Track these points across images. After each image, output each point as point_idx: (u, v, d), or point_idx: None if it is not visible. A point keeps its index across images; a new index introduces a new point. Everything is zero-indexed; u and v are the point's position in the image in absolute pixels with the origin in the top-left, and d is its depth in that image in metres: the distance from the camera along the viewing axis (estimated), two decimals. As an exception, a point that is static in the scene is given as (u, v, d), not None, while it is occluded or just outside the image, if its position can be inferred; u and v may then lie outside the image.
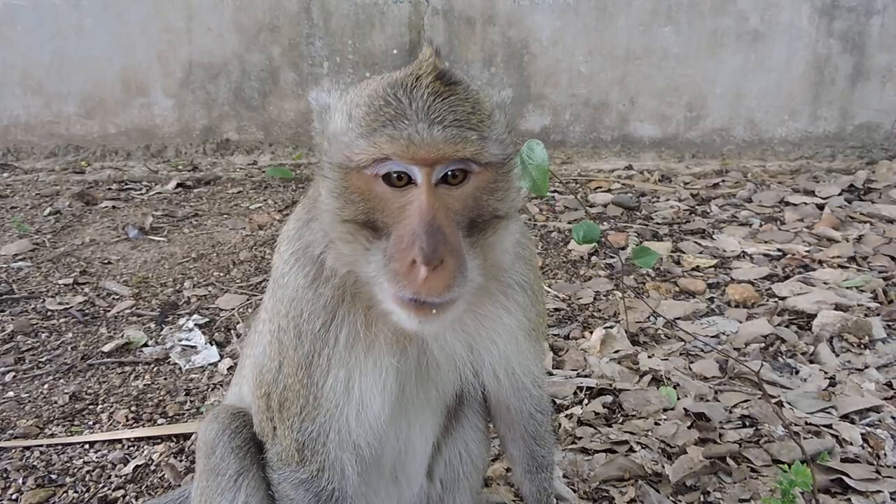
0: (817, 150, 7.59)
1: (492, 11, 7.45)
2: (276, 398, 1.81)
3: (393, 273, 1.46)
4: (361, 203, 1.52)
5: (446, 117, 1.46)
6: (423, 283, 1.42)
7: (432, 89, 1.49)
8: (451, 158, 1.46)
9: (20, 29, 7.45)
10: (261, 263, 5.08)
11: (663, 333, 3.98)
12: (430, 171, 1.46)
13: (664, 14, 7.36)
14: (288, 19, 7.55)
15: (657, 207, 6.12)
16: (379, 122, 1.46)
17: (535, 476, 2.27)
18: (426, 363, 1.85)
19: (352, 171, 1.51)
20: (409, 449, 2.05)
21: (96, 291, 4.65)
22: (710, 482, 2.80)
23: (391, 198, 1.49)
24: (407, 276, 1.44)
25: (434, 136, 1.43)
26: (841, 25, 7.26)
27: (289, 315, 1.74)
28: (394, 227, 1.49)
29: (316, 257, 1.73)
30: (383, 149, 1.44)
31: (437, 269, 1.42)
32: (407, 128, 1.43)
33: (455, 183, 1.50)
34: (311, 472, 1.82)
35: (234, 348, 3.94)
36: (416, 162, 1.44)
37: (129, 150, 7.86)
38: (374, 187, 1.50)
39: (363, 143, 1.47)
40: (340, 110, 1.58)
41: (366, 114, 1.50)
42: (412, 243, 1.43)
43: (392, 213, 1.49)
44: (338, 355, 1.72)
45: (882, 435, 3.02)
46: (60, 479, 2.96)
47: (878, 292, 4.31)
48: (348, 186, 1.53)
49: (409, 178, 1.47)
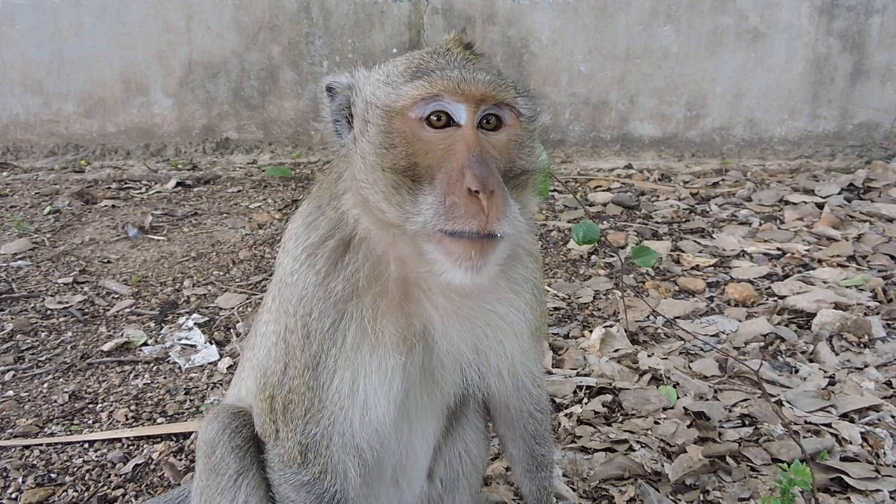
0: (817, 150, 7.59)
1: (491, 10, 7.45)
2: (280, 400, 1.80)
3: (449, 208, 1.48)
4: (405, 148, 1.56)
5: (482, 69, 1.60)
6: (479, 209, 1.46)
7: (464, 55, 1.65)
8: (494, 99, 1.56)
9: (20, 28, 7.45)
10: (260, 262, 5.08)
11: (663, 332, 3.98)
12: (475, 109, 1.55)
13: (664, 13, 7.36)
14: (287, 18, 7.55)
15: (657, 206, 6.12)
16: (425, 69, 1.57)
17: (535, 475, 2.28)
18: (431, 363, 1.84)
19: (396, 114, 1.57)
20: (410, 452, 2.05)
21: (96, 290, 4.65)
22: (709, 481, 2.80)
23: (434, 140, 1.55)
24: (464, 205, 1.47)
25: (479, 78, 1.55)
26: (841, 24, 7.26)
27: (297, 314, 1.73)
28: (438, 169, 1.53)
29: (331, 248, 1.72)
30: (435, 86, 1.52)
31: (491, 196, 1.46)
32: (454, 70, 1.56)
33: (489, 128, 1.59)
34: (313, 474, 1.81)
35: (234, 347, 3.94)
36: (464, 99, 1.53)
37: (129, 149, 7.86)
38: (418, 132, 1.56)
39: (411, 84, 1.55)
40: (375, 73, 1.68)
41: (406, 67, 1.61)
42: (464, 175, 1.48)
43: (435, 156, 1.54)
44: (344, 355, 1.71)
45: (881, 434, 3.03)
46: (60, 478, 2.96)
47: (877, 291, 4.31)
48: (392, 132, 1.57)
49: (449, 120, 1.55)
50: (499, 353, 1.90)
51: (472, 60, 1.64)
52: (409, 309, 1.74)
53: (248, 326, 4.11)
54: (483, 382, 1.96)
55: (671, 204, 6.16)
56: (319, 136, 7.90)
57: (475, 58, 1.66)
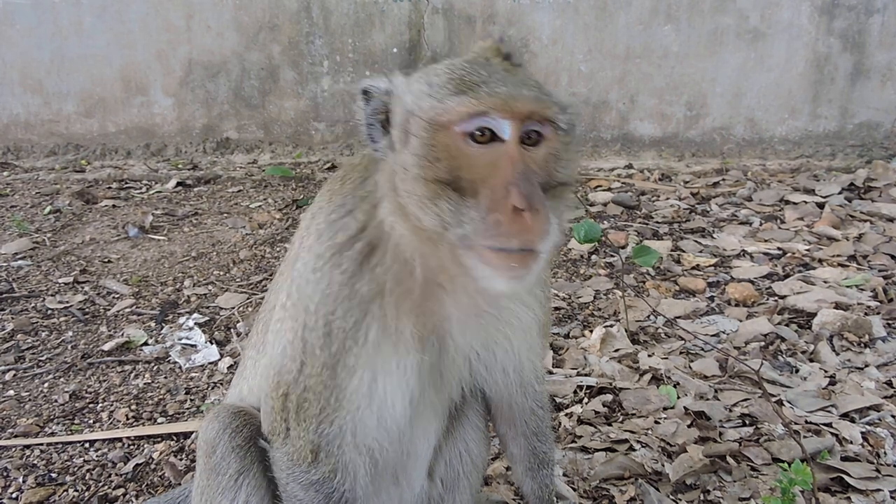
0: (817, 149, 7.59)
1: (492, 10, 7.45)
2: (294, 399, 1.78)
3: (493, 225, 1.49)
4: (448, 161, 1.55)
5: (526, 83, 1.60)
6: (523, 227, 1.47)
7: (504, 66, 1.63)
8: (538, 115, 1.56)
9: (20, 28, 7.45)
10: (261, 262, 5.08)
11: (663, 332, 3.98)
12: (519, 125, 1.54)
13: (664, 13, 7.35)
14: (288, 18, 7.55)
15: (657, 206, 6.12)
16: (469, 83, 1.55)
17: (537, 473, 2.28)
18: (441, 361, 1.85)
19: (440, 128, 1.55)
20: (412, 451, 2.04)
21: (96, 290, 4.65)
22: (710, 481, 2.80)
23: (478, 155, 1.54)
24: (508, 223, 1.48)
25: (525, 94, 1.54)
26: (841, 24, 7.26)
27: (319, 312, 1.71)
28: (481, 183, 1.53)
29: (358, 249, 1.71)
30: (483, 103, 1.51)
31: (535, 214, 1.47)
32: (499, 85, 1.54)
33: (530, 143, 1.58)
34: (323, 473, 1.81)
35: (234, 347, 3.94)
36: (510, 115, 1.52)
37: (129, 149, 7.86)
38: (461, 145, 1.55)
39: (457, 99, 1.53)
40: (417, 81, 1.64)
41: (450, 79, 1.57)
42: (509, 192, 1.49)
43: (478, 170, 1.54)
44: (365, 354, 1.71)
45: (882, 433, 3.03)
46: (60, 478, 2.96)
47: (878, 291, 4.31)
48: (435, 144, 1.56)
49: (492, 135, 1.53)
50: (507, 349, 1.92)
51: (512, 72, 1.62)
52: (429, 308, 1.75)
53: (248, 326, 4.11)
54: (490, 378, 1.98)
55: (671, 204, 6.16)
56: (320, 135, 7.90)
57: (515, 69, 1.64)
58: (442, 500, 2.31)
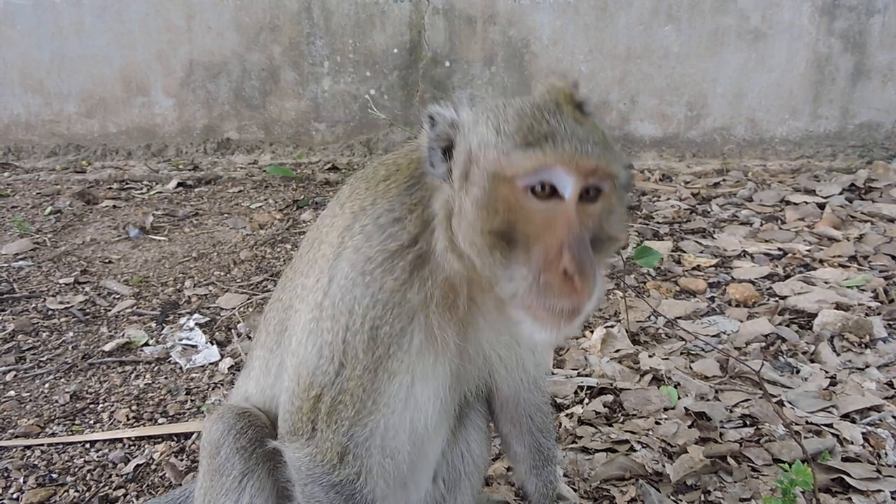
0: (818, 150, 7.59)
1: (492, 10, 7.45)
2: (328, 400, 1.76)
3: (543, 286, 1.50)
4: (506, 214, 1.54)
5: (593, 138, 1.55)
6: (572, 290, 1.48)
7: (575, 116, 1.58)
8: (601, 173, 1.53)
9: (20, 28, 7.46)
10: (261, 263, 5.08)
11: (664, 333, 3.98)
12: (582, 183, 1.52)
13: (665, 13, 7.35)
14: (288, 18, 7.55)
15: (658, 207, 6.12)
16: (537, 135, 1.51)
17: (542, 470, 2.30)
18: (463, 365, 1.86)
19: (503, 181, 1.53)
20: (423, 454, 2.04)
21: (97, 291, 4.65)
22: (710, 481, 2.80)
23: (537, 210, 1.52)
24: (558, 286, 1.49)
25: (591, 151, 1.51)
26: (842, 24, 7.26)
27: (366, 316, 1.69)
28: (536, 240, 1.52)
29: (410, 260, 1.70)
30: (547, 158, 1.49)
31: (585, 279, 1.48)
32: (566, 141, 1.50)
33: (588, 200, 1.57)
34: (346, 475, 1.79)
35: (235, 347, 3.94)
36: (575, 172, 1.50)
37: (130, 150, 7.87)
38: (522, 200, 1.53)
39: (523, 152, 1.50)
40: (484, 124, 1.59)
41: (518, 128, 1.53)
42: (561, 255, 1.48)
43: (536, 227, 1.53)
44: (408, 359, 1.72)
45: (883, 434, 3.02)
46: (61, 479, 2.96)
47: (878, 291, 4.30)
48: (496, 197, 1.54)
49: (554, 192, 1.52)
50: (530, 348, 1.96)
51: (582, 123, 1.57)
52: (468, 318, 1.77)
53: (249, 326, 4.11)
54: (510, 377, 2.01)
55: (672, 204, 6.16)
56: (320, 136, 7.90)
57: (585, 119, 1.59)
58: (444, 501, 2.32)
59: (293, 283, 2.04)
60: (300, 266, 2.02)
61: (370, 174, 1.92)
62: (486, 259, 1.56)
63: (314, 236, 2.00)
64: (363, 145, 7.87)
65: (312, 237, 2.01)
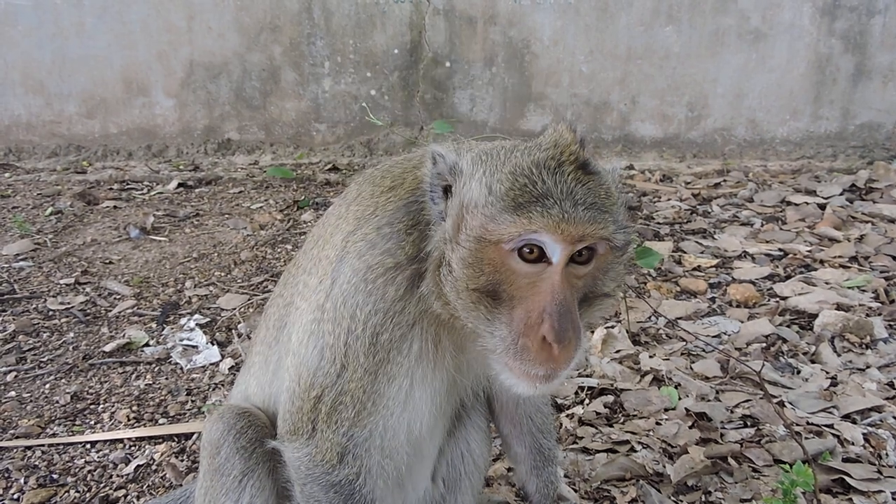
0: (819, 150, 7.59)
1: (493, 11, 7.45)
2: (328, 401, 1.77)
3: (521, 349, 1.52)
4: (492, 274, 1.55)
5: (588, 200, 1.52)
6: (551, 359, 1.50)
7: (575, 175, 1.54)
8: (591, 238, 1.51)
9: (21, 29, 7.46)
10: (262, 263, 5.08)
11: (664, 333, 3.98)
12: (570, 249, 1.51)
13: (665, 13, 7.36)
14: (289, 19, 7.55)
15: (658, 207, 6.12)
16: (526, 198, 1.50)
17: (542, 470, 2.31)
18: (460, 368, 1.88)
19: (490, 244, 1.53)
20: (419, 455, 2.05)
21: (98, 291, 4.65)
22: (711, 482, 2.80)
23: (523, 272, 1.53)
24: (535, 352, 1.51)
25: (581, 217, 1.48)
26: (842, 25, 7.26)
27: (368, 322, 1.71)
28: (520, 300, 1.53)
29: (408, 276, 1.72)
30: (533, 224, 1.47)
31: (564, 348, 1.49)
32: (556, 206, 1.48)
33: (580, 262, 1.56)
34: (345, 475, 1.81)
35: (236, 348, 3.94)
36: (562, 239, 1.48)
37: (131, 150, 7.87)
38: (508, 261, 1.53)
39: (510, 217, 1.49)
40: (478, 180, 1.58)
41: (509, 189, 1.52)
42: (542, 321, 1.49)
43: (520, 287, 1.54)
44: (407, 364, 1.74)
45: (883, 435, 3.02)
46: (62, 479, 2.96)
47: (879, 292, 4.30)
48: (482, 258, 1.55)
49: (541, 254, 1.51)
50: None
51: (582, 183, 1.53)
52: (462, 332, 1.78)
53: (249, 327, 4.11)
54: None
55: (673, 205, 6.16)
56: (321, 136, 7.91)
57: (587, 178, 1.55)
58: (444, 501, 2.32)
59: (296, 279, 2.04)
60: (304, 263, 2.03)
61: (377, 179, 1.92)
62: (470, 313, 1.59)
63: (319, 234, 2.01)
64: (364, 146, 7.88)
65: (318, 234, 2.02)
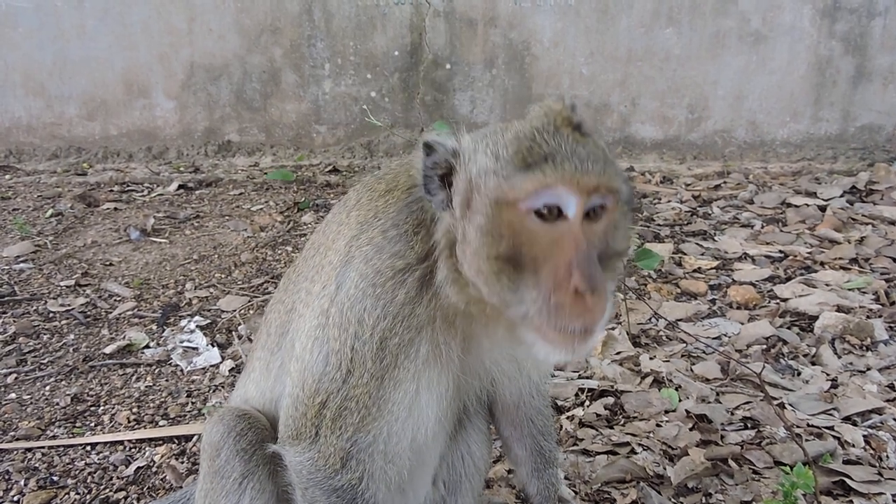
0: (819, 152, 7.58)
1: (493, 13, 7.45)
2: (333, 406, 1.77)
3: (555, 307, 1.49)
4: (511, 238, 1.53)
5: (593, 155, 1.55)
6: (584, 309, 1.47)
7: (574, 136, 1.58)
8: (604, 189, 1.53)
9: (22, 30, 7.47)
10: (262, 265, 5.08)
11: (665, 335, 3.98)
12: (585, 201, 1.52)
13: (665, 15, 7.36)
14: (289, 21, 7.56)
15: (659, 209, 6.12)
16: (536, 157, 1.52)
17: (543, 472, 2.30)
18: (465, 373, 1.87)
19: (506, 206, 1.53)
20: (420, 460, 2.05)
21: (98, 293, 4.65)
22: (711, 484, 2.79)
23: (542, 232, 1.52)
24: (570, 306, 1.48)
25: (591, 168, 1.51)
26: (843, 27, 7.26)
27: (376, 327, 1.71)
28: (543, 262, 1.52)
29: (417, 277, 1.71)
30: (548, 179, 1.49)
31: (596, 295, 1.47)
32: (566, 161, 1.51)
33: (593, 219, 1.57)
34: (348, 480, 1.80)
35: (236, 350, 3.94)
36: (577, 191, 1.50)
37: (131, 152, 7.87)
38: (526, 223, 1.52)
39: (524, 175, 1.51)
40: (482, 152, 1.60)
41: (517, 152, 1.54)
42: (570, 274, 1.48)
43: (542, 249, 1.52)
44: (414, 369, 1.73)
45: (884, 437, 3.02)
46: (62, 481, 2.96)
47: (879, 294, 4.30)
48: (500, 222, 1.54)
49: (558, 212, 1.51)
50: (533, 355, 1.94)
51: (582, 143, 1.57)
52: (471, 332, 1.79)
53: (250, 328, 4.11)
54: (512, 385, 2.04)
55: (673, 206, 6.16)
56: (321, 138, 7.91)
57: (583, 139, 1.59)
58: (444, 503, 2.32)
59: (297, 286, 2.04)
60: (304, 270, 2.02)
61: (373, 185, 1.93)
62: (494, 286, 1.56)
63: (320, 241, 2.00)
64: (364, 147, 7.88)
65: (318, 241, 2.01)
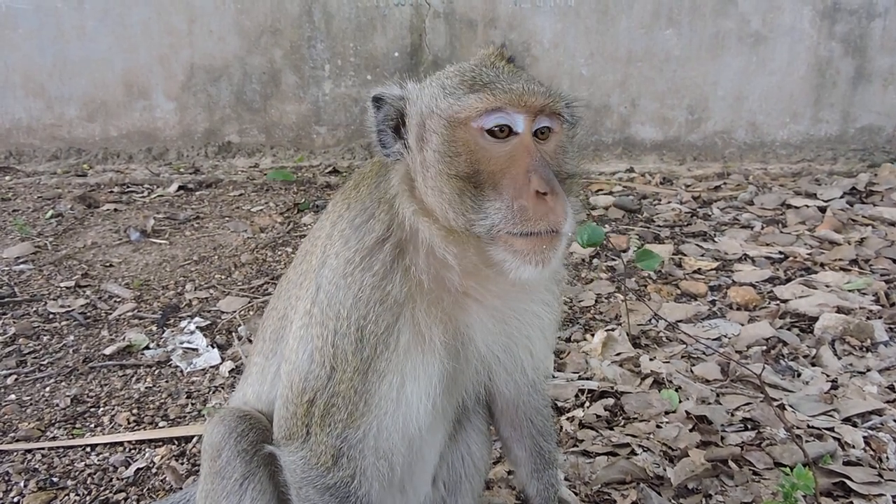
0: (819, 153, 7.59)
1: (493, 14, 7.46)
2: (321, 404, 1.78)
3: (518, 212, 1.58)
4: (468, 155, 1.64)
5: (532, 81, 1.70)
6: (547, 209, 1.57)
7: (510, 68, 1.75)
8: (549, 109, 1.66)
9: (22, 32, 7.47)
10: (262, 266, 5.08)
11: (665, 336, 3.98)
12: (532, 119, 1.64)
13: (665, 16, 7.36)
14: (289, 22, 7.56)
15: (659, 210, 6.12)
16: (480, 82, 1.66)
17: (543, 473, 2.30)
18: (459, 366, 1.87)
19: (458, 125, 1.64)
20: (419, 458, 2.05)
21: (98, 294, 4.65)
22: (711, 485, 2.79)
23: (496, 149, 1.63)
24: (532, 207, 1.57)
25: (536, 89, 1.65)
26: (842, 28, 7.26)
27: (350, 317, 1.73)
28: (500, 175, 1.62)
29: (387, 250, 1.74)
30: (499, 99, 1.61)
31: (556, 196, 1.58)
32: (512, 83, 1.65)
33: (541, 139, 1.69)
34: (340, 478, 1.81)
35: (236, 351, 3.94)
36: (524, 109, 1.62)
37: (131, 153, 7.88)
38: (480, 141, 1.63)
39: (474, 97, 1.63)
40: (430, 87, 1.73)
41: (462, 81, 1.69)
42: (530, 179, 1.59)
43: (497, 164, 1.63)
44: (396, 359, 1.73)
45: (884, 438, 3.02)
46: (62, 482, 2.96)
47: (879, 295, 4.30)
48: (455, 141, 1.64)
49: (509, 130, 1.64)
50: (529, 350, 1.98)
51: (518, 74, 1.72)
52: (457, 315, 1.80)
53: (250, 330, 4.11)
54: (510, 381, 2.05)
55: (673, 207, 6.16)
56: (321, 139, 7.91)
57: (519, 71, 1.75)
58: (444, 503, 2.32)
59: (288, 293, 2.07)
60: (293, 277, 2.07)
61: (347, 187, 1.99)
62: (457, 206, 1.64)
63: (307, 248, 2.05)
64: (364, 148, 7.88)
65: (305, 249, 2.06)
